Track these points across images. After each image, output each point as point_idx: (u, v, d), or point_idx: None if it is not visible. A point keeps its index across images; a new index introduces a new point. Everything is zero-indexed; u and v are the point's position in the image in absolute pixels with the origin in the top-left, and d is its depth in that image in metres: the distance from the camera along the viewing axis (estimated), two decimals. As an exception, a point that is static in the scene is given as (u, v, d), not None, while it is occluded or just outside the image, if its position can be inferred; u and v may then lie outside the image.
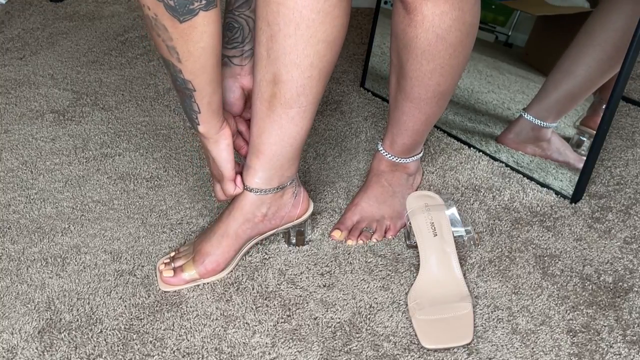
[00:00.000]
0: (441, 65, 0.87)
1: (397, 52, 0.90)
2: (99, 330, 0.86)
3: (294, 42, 0.77)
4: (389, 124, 1.02)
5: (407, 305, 0.90)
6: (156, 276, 0.93)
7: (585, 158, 1.06)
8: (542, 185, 1.12)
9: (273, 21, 0.77)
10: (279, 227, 0.95)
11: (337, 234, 1.01)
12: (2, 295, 0.91)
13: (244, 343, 0.84)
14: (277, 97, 0.82)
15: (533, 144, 1.16)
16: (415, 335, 0.85)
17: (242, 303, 0.90)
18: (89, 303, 0.90)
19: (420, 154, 1.07)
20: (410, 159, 1.05)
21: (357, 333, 0.86)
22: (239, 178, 0.90)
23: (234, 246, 0.92)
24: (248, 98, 0.92)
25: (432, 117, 0.97)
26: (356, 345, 0.84)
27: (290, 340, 0.85)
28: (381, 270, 0.96)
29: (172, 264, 0.93)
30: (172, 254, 0.95)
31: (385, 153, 1.04)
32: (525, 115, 1.16)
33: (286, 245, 0.99)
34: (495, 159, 1.19)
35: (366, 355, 0.83)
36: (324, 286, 0.93)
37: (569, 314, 0.89)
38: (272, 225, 0.94)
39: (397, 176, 1.05)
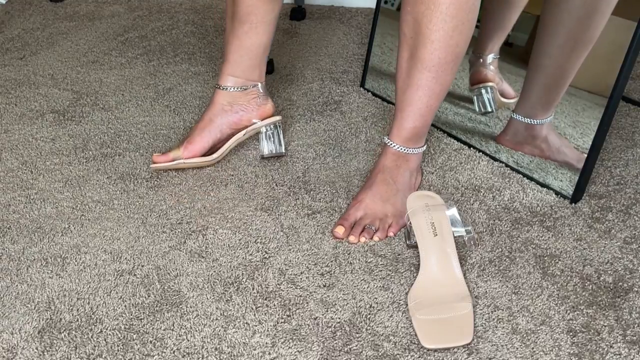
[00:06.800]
0: (462, 22, 0.93)
1: (413, 20, 0.94)
2: (99, 330, 0.86)
3: None
4: (397, 110, 1.03)
5: (407, 305, 0.90)
6: (155, 273, 0.94)
7: (585, 158, 1.06)
8: (542, 185, 1.12)
9: None
10: (249, 124, 1.17)
11: (340, 230, 1.00)
12: (2, 295, 0.91)
13: (244, 343, 0.84)
14: (235, 15, 1.08)
15: (531, 144, 1.16)
16: (415, 335, 0.85)
17: (242, 303, 0.90)
18: (89, 303, 0.90)
19: (424, 147, 1.07)
20: (415, 150, 1.05)
21: (357, 333, 0.86)
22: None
23: (210, 131, 1.14)
24: None
25: (444, 90, 1.00)
26: (356, 345, 0.84)
27: (290, 340, 0.85)
28: (381, 270, 0.96)
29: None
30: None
31: (391, 143, 1.05)
32: (515, 116, 1.16)
33: (286, 245, 0.99)
34: (495, 159, 1.19)
35: (366, 355, 0.83)
36: (324, 286, 0.93)
37: (569, 314, 0.89)
38: (240, 117, 1.16)
39: (402, 173, 1.05)
